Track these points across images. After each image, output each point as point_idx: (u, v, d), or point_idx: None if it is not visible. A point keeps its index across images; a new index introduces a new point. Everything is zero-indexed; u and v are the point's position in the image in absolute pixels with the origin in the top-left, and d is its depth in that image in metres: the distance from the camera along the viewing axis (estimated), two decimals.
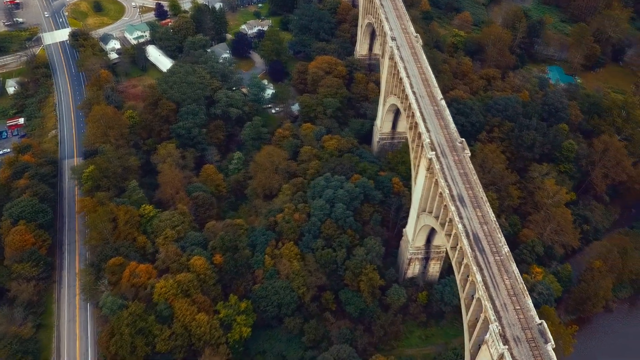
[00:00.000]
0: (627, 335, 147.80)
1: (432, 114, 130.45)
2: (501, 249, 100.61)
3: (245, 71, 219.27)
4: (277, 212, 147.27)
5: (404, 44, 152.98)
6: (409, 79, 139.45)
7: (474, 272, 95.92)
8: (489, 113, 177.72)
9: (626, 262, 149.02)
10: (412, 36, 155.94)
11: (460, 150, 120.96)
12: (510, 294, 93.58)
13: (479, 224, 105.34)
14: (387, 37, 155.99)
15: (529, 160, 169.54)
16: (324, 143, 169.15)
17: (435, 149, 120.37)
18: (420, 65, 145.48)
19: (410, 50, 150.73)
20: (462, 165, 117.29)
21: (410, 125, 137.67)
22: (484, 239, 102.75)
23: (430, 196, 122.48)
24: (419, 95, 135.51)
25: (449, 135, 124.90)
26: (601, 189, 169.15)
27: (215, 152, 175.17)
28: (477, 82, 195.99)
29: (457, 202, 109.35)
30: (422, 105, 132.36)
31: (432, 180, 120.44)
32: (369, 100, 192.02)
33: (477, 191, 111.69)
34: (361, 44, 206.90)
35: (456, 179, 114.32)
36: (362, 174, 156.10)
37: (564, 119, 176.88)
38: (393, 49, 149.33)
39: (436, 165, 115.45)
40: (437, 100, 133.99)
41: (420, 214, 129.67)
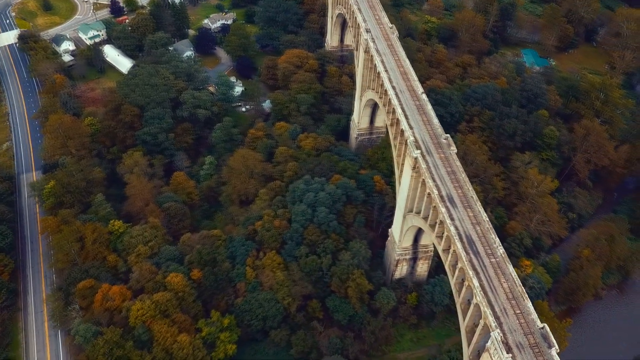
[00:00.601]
0: (616, 323, 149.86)
1: (413, 109, 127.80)
2: (496, 251, 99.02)
3: (210, 68, 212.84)
4: (255, 219, 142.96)
5: (379, 35, 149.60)
6: (387, 73, 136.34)
7: (471, 277, 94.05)
8: (467, 102, 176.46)
9: (614, 248, 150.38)
10: (386, 27, 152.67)
11: (445, 147, 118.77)
12: (509, 297, 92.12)
13: (471, 225, 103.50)
14: (361, 29, 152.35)
15: (511, 149, 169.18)
16: (300, 142, 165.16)
17: (420, 147, 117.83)
18: (397, 57, 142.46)
19: (386, 42, 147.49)
20: (449, 162, 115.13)
21: (391, 122, 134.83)
22: (477, 240, 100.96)
23: (417, 196, 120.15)
24: (398, 90, 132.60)
25: (432, 131, 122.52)
26: (584, 174, 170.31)
27: (184, 157, 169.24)
28: (453, 70, 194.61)
29: (447, 203, 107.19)
30: (403, 100, 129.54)
31: (418, 180, 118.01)
32: (344, 94, 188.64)
33: (467, 190, 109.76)
34: (332, 35, 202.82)
35: (444, 178, 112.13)
36: (343, 174, 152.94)
37: (543, 104, 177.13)
38: (368, 41, 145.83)
39: (422, 165, 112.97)
40: (418, 95, 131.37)
41: (406, 215, 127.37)
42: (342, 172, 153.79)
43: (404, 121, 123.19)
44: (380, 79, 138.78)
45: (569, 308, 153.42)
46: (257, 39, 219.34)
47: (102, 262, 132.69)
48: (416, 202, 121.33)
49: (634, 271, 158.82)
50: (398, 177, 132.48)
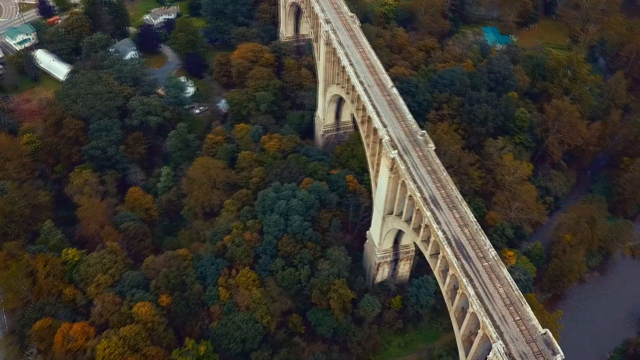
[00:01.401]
0: (601, 307, 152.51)
1: (385, 105, 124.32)
2: (488, 253, 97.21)
3: (157, 69, 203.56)
4: (223, 233, 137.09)
5: (339, 26, 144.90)
6: (353, 67, 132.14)
7: (465, 285, 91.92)
8: (435, 89, 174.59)
9: (595, 231, 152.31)
10: (347, 16, 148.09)
11: (423, 144, 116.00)
12: (507, 303, 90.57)
13: (458, 228, 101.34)
14: (320, 20, 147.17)
15: (483, 136, 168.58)
16: (264, 145, 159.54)
17: (396, 146, 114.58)
18: (362, 49, 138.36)
19: (348, 33, 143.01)
20: (429, 161, 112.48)
21: (361, 119, 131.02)
22: (467, 244, 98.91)
23: (397, 197, 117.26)
24: (367, 85, 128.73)
25: (407, 128, 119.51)
26: (558, 155, 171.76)
27: (138, 170, 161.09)
28: (417, 55, 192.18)
29: (431, 205, 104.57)
30: (373, 96, 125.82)
31: (397, 181, 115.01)
32: (304, 88, 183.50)
33: (450, 190, 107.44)
34: (286, 26, 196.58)
35: (425, 179, 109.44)
36: (313, 176, 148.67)
37: (512, 86, 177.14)
38: (329, 33, 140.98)
39: (401, 166, 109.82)
40: (387, 89, 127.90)
41: (386, 217, 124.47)
42: (312, 174, 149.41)
43: (376, 119, 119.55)
44: (346, 73, 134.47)
45: (554, 295, 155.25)
46: (205, 33, 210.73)
47: (59, 297, 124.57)
48: (396, 203, 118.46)
49: (614, 251, 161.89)
50: (374, 177, 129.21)
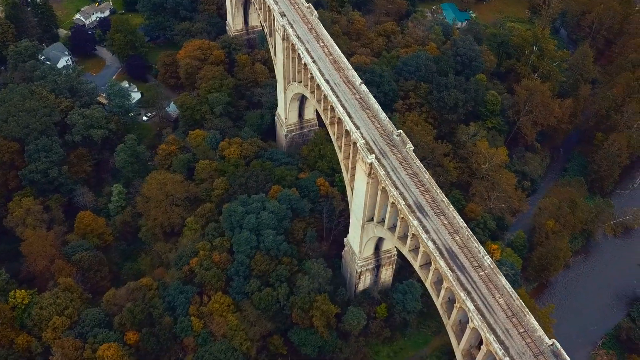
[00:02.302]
0: (588, 291, 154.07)
1: (355, 104, 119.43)
2: (483, 261, 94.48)
3: (95, 74, 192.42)
4: (189, 256, 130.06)
5: (296, 19, 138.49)
6: (317, 65, 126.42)
7: (463, 300, 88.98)
8: (400, 77, 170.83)
9: (576, 214, 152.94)
10: (303, 7, 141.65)
11: (400, 145, 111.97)
12: (509, 315, 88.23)
13: (448, 235, 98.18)
14: (273, 13, 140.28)
15: (455, 123, 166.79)
16: (224, 152, 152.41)
17: (372, 149, 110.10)
18: (324, 44, 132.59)
19: (306, 26, 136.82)
20: (409, 163, 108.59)
21: (330, 120, 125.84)
22: (459, 252, 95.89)
23: (377, 204, 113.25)
24: (333, 83, 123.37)
25: (382, 128, 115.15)
26: (531, 137, 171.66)
27: (86, 191, 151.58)
28: (377, 41, 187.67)
29: (417, 212, 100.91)
30: (341, 95, 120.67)
31: (376, 187, 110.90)
32: (260, 85, 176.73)
33: (435, 194, 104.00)
34: (234, 18, 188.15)
35: (407, 183, 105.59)
36: (281, 183, 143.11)
37: (479, 68, 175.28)
38: (286, 28, 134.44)
39: (380, 171, 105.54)
40: (356, 87, 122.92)
41: (366, 225, 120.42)
42: (280, 180, 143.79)
43: (348, 121, 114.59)
44: (309, 71, 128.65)
45: (540, 284, 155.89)
46: (144, 31, 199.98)
47: (11, 347, 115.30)
48: (377, 210, 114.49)
49: (595, 232, 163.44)
50: (348, 182, 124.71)
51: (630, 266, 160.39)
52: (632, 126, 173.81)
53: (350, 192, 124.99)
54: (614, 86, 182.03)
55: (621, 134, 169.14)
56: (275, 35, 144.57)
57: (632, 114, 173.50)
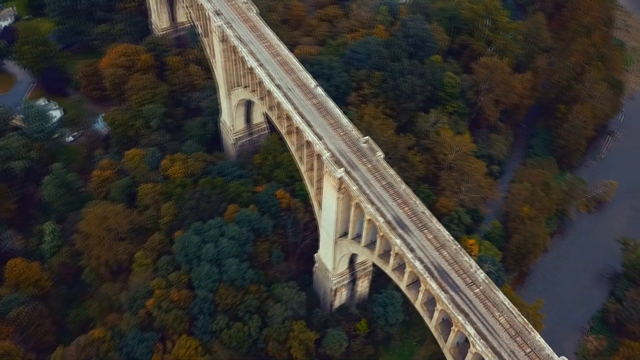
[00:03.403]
0: (568, 273, 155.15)
1: (313, 111, 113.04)
2: (476, 277, 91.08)
3: (4, 93, 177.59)
4: (144, 297, 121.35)
5: (234, 17, 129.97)
6: (264, 69, 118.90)
7: (462, 324, 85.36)
8: (350, 66, 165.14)
9: (551, 196, 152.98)
10: (240, 3, 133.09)
11: (369, 152, 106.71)
12: (512, 334, 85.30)
13: (435, 251, 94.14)
14: (207, 12, 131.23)
15: (413, 111, 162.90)
16: (167, 171, 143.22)
17: (339, 161, 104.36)
18: (269, 43, 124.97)
19: (246, 24, 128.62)
20: (381, 174, 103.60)
21: (287, 130, 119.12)
22: (450, 269, 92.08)
23: (351, 220, 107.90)
24: (285, 88, 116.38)
25: (346, 135, 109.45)
26: (494, 117, 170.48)
27: (12, 233, 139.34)
28: (320, 28, 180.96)
29: (398, 229, 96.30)
30: (297, 102, 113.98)
31: (348, 202, 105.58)
32: (197, 88, 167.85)
33: (414, 205, 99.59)
34: (159, 15, 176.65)
35: (383, 197, 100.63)
36: (237, 201, 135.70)
37: (433, 48, 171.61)
38: (224, 28, 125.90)
39: (352, 186, 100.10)
40: (311, 90, 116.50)
41: (338, 241, 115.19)
42: (235, 198, 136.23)
43: (308, 131, 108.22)
44: (256, 76, 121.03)
45: (520, 272, 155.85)
46: (56, 37, 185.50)
47: None
48: (351, 226, 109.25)
49: (569, 210, 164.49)
50: (314, 195, 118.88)
51: (607, 241, 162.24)
52: (594, 95, 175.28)
53: (317, 206, 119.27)
54: (572, 54, 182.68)
55: (585, 105, 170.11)
56: (212, 37, 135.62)
57: (593, 82, 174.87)
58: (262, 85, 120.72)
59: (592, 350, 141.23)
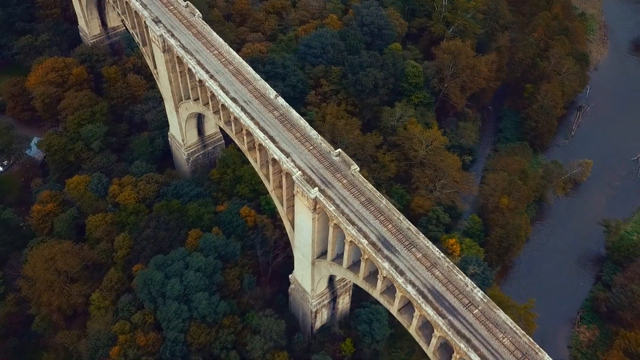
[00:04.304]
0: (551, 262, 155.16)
1: (276, 124, 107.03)
2: (473, 296, 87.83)
3: None
4: (106, 345, 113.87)
5: (175, 24, 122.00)
6: (216, 80, 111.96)
7: (465, 351, 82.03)
8: (306, 62, 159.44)
9: (529, 184, 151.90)
10: (181, 8, 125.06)
11: (343, 166, 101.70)
12: (519, 357, 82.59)
13: (427, 271, 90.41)
14: (144, 20, 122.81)
15: (377, 106, 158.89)
16: (116, 198, 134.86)
17: (312, 179, 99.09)
18: (218, 52, 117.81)
19: (190, 31, 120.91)
20: (359, 189, 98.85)
21: (248, 146, 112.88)
22: (445, 291, 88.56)
23: (330, 241, 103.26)
24: (243, 101, 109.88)
25: (316, 149, 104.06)
26: (461, 104, 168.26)
27: None
28: (268, 22, 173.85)
29: (384, 250, 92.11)
30: (257, 115, 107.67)
31: (325, 221, 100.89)
32: (139, 100, 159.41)
33: (398, 221, 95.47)
34: (88, 21, 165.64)
35: (363, 215, 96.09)
36: (198, 225, 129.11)
37: (391, 36, 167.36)
38: (165, 38, 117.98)
39: (329, 207, 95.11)
40: (272, 101, 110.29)
41: (317, 262, 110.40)
42: (196, 222, 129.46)
43: (273, 149, 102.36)
44: (208, 89, 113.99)
45: (503, 266, 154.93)
46: None
47: None
48: (330, 247, 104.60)
49: (546, 194, 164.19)
50: (285, 215, 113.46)
51: (587, 223, 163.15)
52: (561, 71, 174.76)
53: (289, 225, 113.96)
54: (534, 29, 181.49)
55: (553, 83, 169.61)
56: (152, 46, 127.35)
57: (558, 58, 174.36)
58: (216, 99, 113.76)
59: (584, 341, 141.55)
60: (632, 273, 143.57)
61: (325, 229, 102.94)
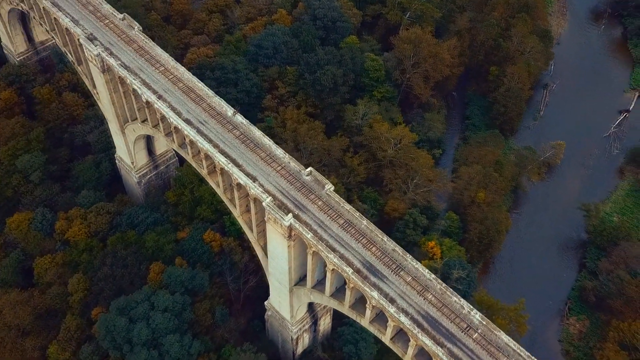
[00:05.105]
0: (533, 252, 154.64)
1: (237, 145, 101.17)
2: (471, 319, 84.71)
3: None
4: None
5: (113, 40, 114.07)
6: (166, 102, 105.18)
7: None
8: (258, 64, 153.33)
9: (505, 175, 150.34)
10: (117, 20, 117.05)
11: (316, 186, 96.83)
12: None
13: (419, 296, 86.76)
14: (76, 36, 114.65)
15: (339, 105, 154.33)
16: (65, 235, 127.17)
17: (284, 204, 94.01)
18: (164, 67, 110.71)
19: (130, 47, 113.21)
20: (336, 210, 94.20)
21: (207, 170, 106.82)
22: (441, 316, 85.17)
23: (309, 268, 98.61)
24: (198, 122, 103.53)
25: (284, 169, 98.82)
26: (426, 94, 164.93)
27: None
28: (212, 22, 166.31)
29: (370, 277, 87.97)
30: (215, 137, 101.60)
31: (302, 248, 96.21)
32: (79, 120, 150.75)
33: (382, 242, 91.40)
34: (12, 37, 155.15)
35: (344, 239, 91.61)
36: (159, 257, 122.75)
37: (346, 29, 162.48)
38: (104, 58, 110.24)
39: (306, 234, 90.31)
40: (230, 119, 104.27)
41: (295, 289, 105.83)
42: (156, 254, 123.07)
43: (237, 173, 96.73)
44: (158, 111, 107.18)
45: (484, 263, 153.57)
46: None
47: None
48: (310, 274, 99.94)
49: (521, 182, 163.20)
50: (255, 241, 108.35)
51: (566, 208, 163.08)
52: (525, 50, 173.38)
53: (261, 251, 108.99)
54: (493, 8, 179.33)
55: (519, 65, 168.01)
56: (88, 66, 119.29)
57: (521, 36, 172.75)
58: (167, 121, 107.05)
59: (575, 334, 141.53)
60: (617, 257, 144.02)
61: (302, 254, 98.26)
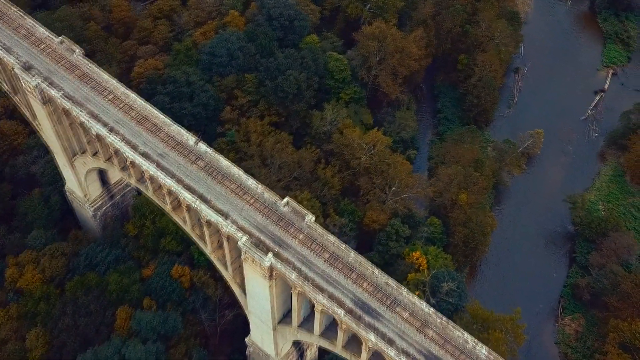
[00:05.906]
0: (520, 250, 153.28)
1: (203, 178, 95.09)
2: (477, 353, 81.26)
3: None
4: None
5: (52, 67, 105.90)
6: (118, 134, 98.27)
7: None
8: (213, 74, 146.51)
9: (485, 173, 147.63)
10: (55, 44, 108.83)
11: (295, 218, 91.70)
12: None
13: (419, 334, 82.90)
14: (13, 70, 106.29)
15: (305, 111, 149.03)
16: (17, 283, 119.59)
17: (261, 241, 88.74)
18: (113, 95, 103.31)
19: (73, 73, 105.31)
20: (319, 244, 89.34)
21: (171, 206, 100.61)
22: (444, 353, 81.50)
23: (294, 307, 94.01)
24: (156, 155, 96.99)
25: (258, 201, 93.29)
26: (395, 91, 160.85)
27: None
28: (158, 30, 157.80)
29: (364, 317, 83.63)
30: (178, 170, 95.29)
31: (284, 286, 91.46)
32: (20, 150, 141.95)
33: (373, 275, 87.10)
34: None
35: (331, 276, 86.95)
36: (125, 300, 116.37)
37: (305, 27, 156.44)
38: (43, 88, 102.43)
39: (289, 274, 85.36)
40: (192, 149, 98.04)
41: (279, 327, 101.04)
42: (122, 297, 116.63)
43: (206, 211, 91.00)
44: (110, 145, 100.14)
45: (471, 267, 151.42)
46: None
47: None
48: (295, 313, 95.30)
49: (502, 177, 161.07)
50: (231, 278, 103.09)
51: (549, 200, 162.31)
52: (493, 35, 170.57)
53: (238, 288, 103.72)
54: None
55: (489, 52, 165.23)
56: (26, 98, 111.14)
57: (489, 21, 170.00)
58: (121, 155, 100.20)
59: (572, 334, 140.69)
60: (607, 250, 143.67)
61: (286, 291, 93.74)
